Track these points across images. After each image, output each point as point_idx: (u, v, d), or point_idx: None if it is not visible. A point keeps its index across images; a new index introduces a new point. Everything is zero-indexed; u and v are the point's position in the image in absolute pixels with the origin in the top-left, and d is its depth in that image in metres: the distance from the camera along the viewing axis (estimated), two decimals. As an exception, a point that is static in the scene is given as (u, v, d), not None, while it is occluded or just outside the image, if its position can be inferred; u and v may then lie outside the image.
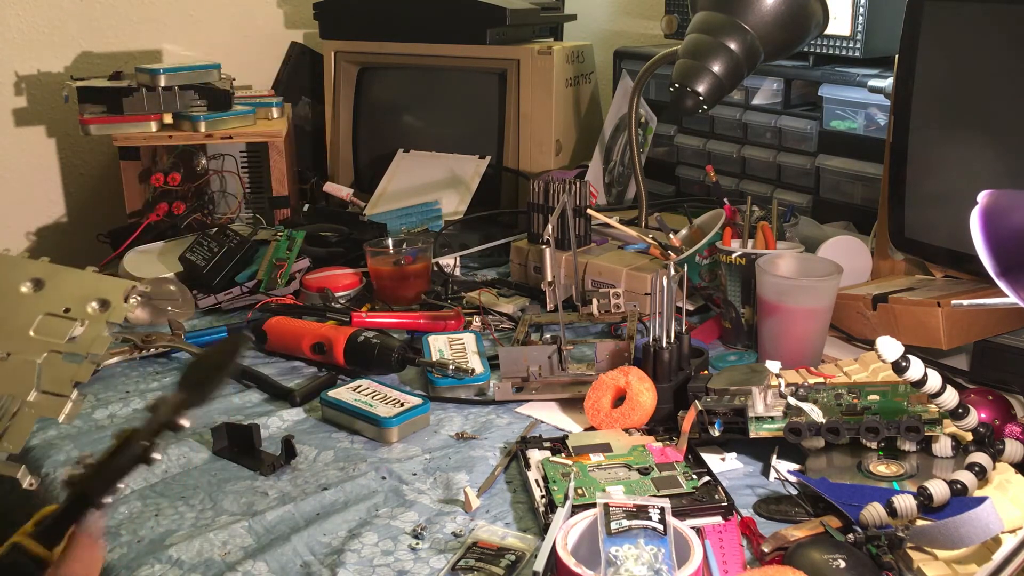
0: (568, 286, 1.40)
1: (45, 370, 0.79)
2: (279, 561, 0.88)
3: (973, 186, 0.83)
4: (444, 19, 1.85)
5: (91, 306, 0.83)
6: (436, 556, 0.88)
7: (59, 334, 0.82)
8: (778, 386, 1.01)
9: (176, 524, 0.94)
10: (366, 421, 1.10)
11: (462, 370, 1.18)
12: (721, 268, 1.30)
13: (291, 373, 1.27)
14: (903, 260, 1.36)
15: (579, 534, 0.83)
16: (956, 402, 0.94)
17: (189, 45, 2.06)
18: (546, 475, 0.97)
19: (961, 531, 0.79)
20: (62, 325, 0.82)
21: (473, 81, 1.87)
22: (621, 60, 1.92)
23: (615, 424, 1.07)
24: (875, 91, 1.47)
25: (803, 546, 0.83)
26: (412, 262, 1.47)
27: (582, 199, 1.48)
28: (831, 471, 0.96)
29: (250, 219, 1.77)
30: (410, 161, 1.85)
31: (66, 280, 0.86)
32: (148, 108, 1.71)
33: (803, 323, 1.19)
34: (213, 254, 1.48)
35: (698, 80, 1.42)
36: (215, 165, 1.78)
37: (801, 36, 1.47)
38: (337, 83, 1.96)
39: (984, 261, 0.79)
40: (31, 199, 1.97)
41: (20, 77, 1.91)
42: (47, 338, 0.81)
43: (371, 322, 1.33)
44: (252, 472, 1.03)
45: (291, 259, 1.50)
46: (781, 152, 1.68)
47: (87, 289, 0.84)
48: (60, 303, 0.83)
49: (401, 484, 1.00)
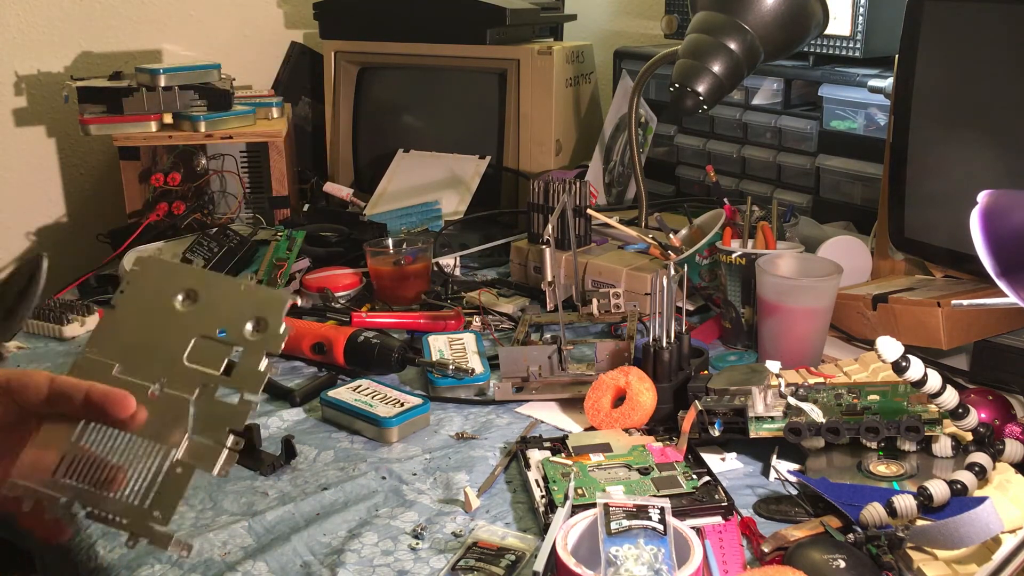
0: (568, 286, 1.40)
1: (199, 410, 0.66)
2: (279, 561, 0.88)
3: (973, 186, 0.83)
4: (444, 19, 1.85)
5: (247, 327, 0.68)
6: (436, 556, 0.88)
7: (214, 363, 0.68)
8: (778, 386, 1.01)
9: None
10: (366, 421, 1.10)
11: (462, 370, 1.18)
12: (721, 268, 1.30)
13: (291, 373, 1.27)
14: (903, 260, 1.36)
15: (579, 534, 0.83)
16: (956, 402, 0.94)
17: (189, 45, 2.06)
18: (546, 475, 0.97)
19: (961, 531, 0.79)
20: (217, 351, 0.68)
21: (473, 81, 1.87)
22: (621, 60, 1.92)
23: (615, 424, 1.07)
24: (875, 91, 1.47)
25: (803, 546, 0.83)
26: (412, 262, 1.47)
27: (582, 199, 1.48)
28: (831, 471, 0.96)
29: (250, 219, 1.77)
30: (410, 161, 1.85)
31: (221, 291, 0.71)
32: (148, 108, 1.71)
33: (803, 323, 1.19)
34: (213, 254, 1.48)
35: (698, 80, 1.42)
36: (215, 165, 1.78)
37: (801, 36, 1.47)
38: (337, 83, 1.96)
39: (984, 261, 0.79)
40: (31, 199, 1.97)
41: (20, 77, 1.91)
42: (201, 367, 0.68)
43: (371, 322, 1.33)
44: (252, 472, 1.03)
45: (291, 259, 1.50)
46: (781, 152, 1.68)
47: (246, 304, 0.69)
48: (215, 323, 0.69)
49: (401, 484, 1.00)
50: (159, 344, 0.70)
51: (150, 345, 0.70)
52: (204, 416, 0.67)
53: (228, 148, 1.77)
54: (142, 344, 0.70)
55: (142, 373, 0.69)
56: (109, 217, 1.86)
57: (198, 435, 0.66)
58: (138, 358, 0.69)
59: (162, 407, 0.67)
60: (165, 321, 0.70)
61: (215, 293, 0.71)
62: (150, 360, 0.69)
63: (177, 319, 0.70)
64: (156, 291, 0.72)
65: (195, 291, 0.72)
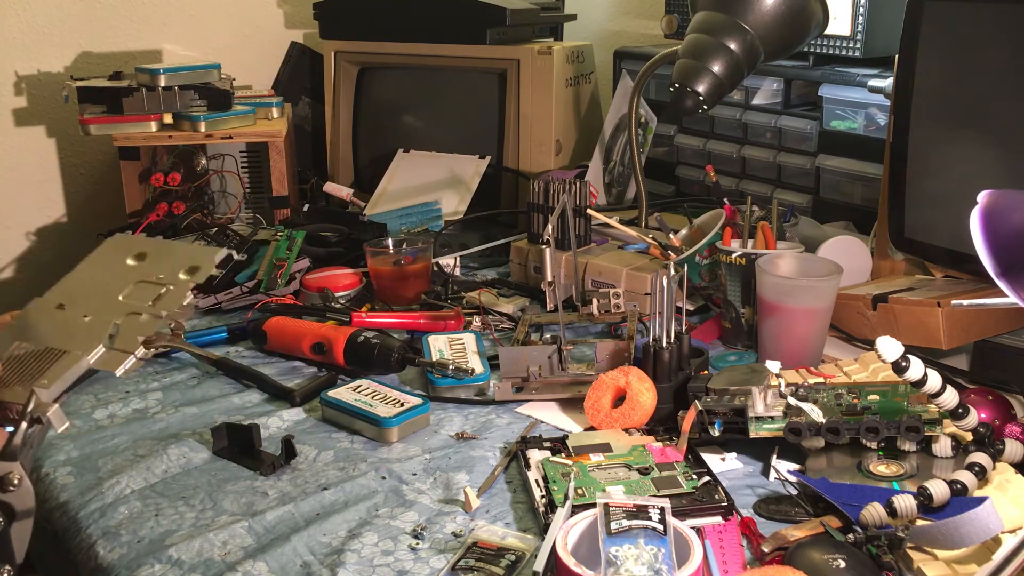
0: (568, 286, 1.40)
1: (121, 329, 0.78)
2: (279, 561, 0.88)
3: (973, 186, 0.83)
4: (444, 19, 1.85)
5: (182, 273, 0.82)
6: (436, 556, 0.88)
7: (145, 298, 0.81)
8: (778, 386, 1.01)
9: (176, 524, 0.94)
10: (366, 421, 1.10)
11: (462, 370, 1.18)
12: (721, 268, 1.30)
13: (291, 373, 1.27)
14: (903, 260, 1.36)
15: (579, 534, 0.83)
16: (956, 402, 0.94)
17: (189, 45, 2.06)
18: (546, 475, 0.97)
19: (961, 531, 0.79)
20: (150, 290, 0.82)
21: (473, 81, 1.88)
22: (621, 60, 1.92)
23: (615, 424, 1.07)
24: (875, 91, 1.47)
25: (803, 546, 0.83)
26: (412, 262, 1.47)
27: (582, 199, 1.48)
28: (831, 471, 0.96)
29: (250, 219, 1.77)
30: (410, 161, 1.85)
31: (169, 252, 0.86)
32: (148, 108, 1.71)
33: (803, 323, 1.19)
34: (213, 254, 1.48)
35: (698, 80, 1.42)
36: (215, 165, 1.78)
37: (801, 36, 1.47)
38: (337, 83, 1.97)
39: (984, 261, 0.79)
40: (31, 199, 1.97)
41: (20, 77, 1.91)
42: (133, 302, 0.81)
43: (371, 322, 1.33)
44: (252, 472, 1.03)
45: (291, 259, 1.50)
46: (781, 152, 1.68)
47: (184, 258, 0.84)
48: (156, 272, 0.83)
49: (401, 484, 1.00)
50: (104, 289, 0.83)
51: (96, 291, 0.83)
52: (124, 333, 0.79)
53: (228, 148, 1.77)
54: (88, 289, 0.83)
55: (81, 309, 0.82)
56: (109, 217, 1.86)
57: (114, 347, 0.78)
58: (81, 298, 0.83)
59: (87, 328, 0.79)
60: (114, 275, 0.84)
61: (162, 253, 0.85)
62: (91, 299, 0.82)
63: (125, 272, 0.84)
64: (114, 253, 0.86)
65: (145, 253, 0.85)
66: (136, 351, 0.77)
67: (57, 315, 0.81)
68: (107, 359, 0.77)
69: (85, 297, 0.82)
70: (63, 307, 0.82)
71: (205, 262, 0.83)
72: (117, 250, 0.86)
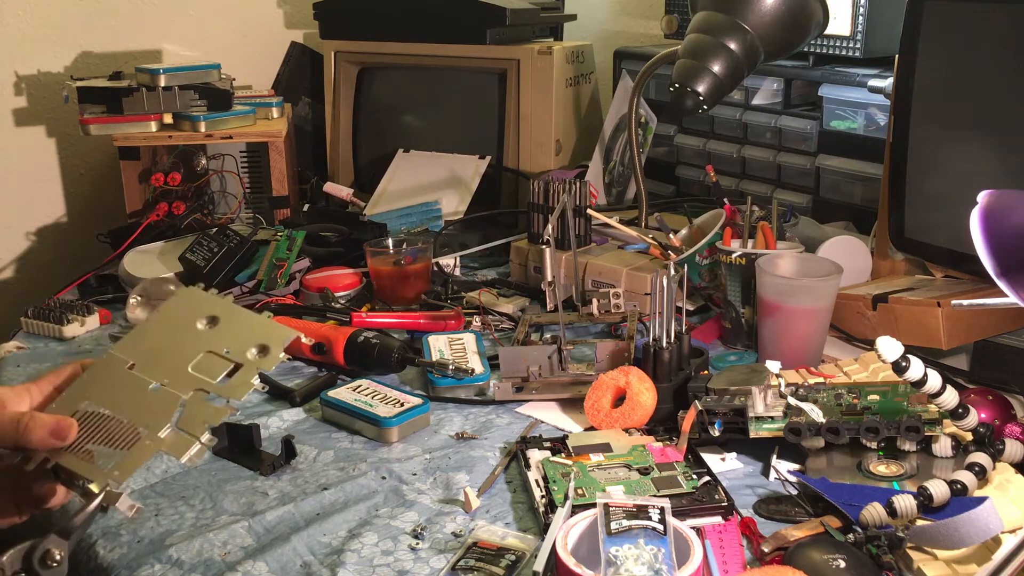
0: (568, 286, 1.40)
1: (187, 408, 0.77)
2: (279, 561, 0.88)
3: (973, 186, 0.83)
4: (444, 19, 1.85)
5: (251, 351, 0.80)
6: (436, 556, 0.88)
7: (213, 374, 0.79)
8: (778, 386, 1.01)
9: (176, 524, 0.94)
10: (366, 421, 1.10)
11: (462, 370, 1.18)
12: (721, 268, 1.30)
13: (291, 373, 1.27)
14: (903, 260, 1.36)
15: (579, 534, 0.83)
16: (956, 402, 0.94)
17: (189, 45, 2.06)
18: (546, 475, 0.97)
19: (961, 531, 0.79)
20: (219, 365, 0.80)
21: (473, 81, 1.87)
22: (621, 60, 1.92)
23: (615, 424, 1.07)
24: (875, 91, 1.47)
25: (803, 546, 0.83)
26: (412, 262, 1.47)
27: (582, 199, 1.48)
28: (831, 471, 0.96)
29: (250, 219, 1.77)
30: (410, 161, 1.85)
31: (240, 321, 0.83)
32: (148, 108, 1.71)
33: (803, 323, 1.19)
34: (213, 254, 1.48)
35: (698, 80, 1.42)
36: (215, 165, 1.78)
37: (801, 36, 1.47)
38: (337, 83, 1.96)
39: (984, 261, 0.79)
40: (31, 199, 1.97)
41: (20, 77, 1.91)
42: (201, 376, 0.79)
43: (371, 322, 1.33)
44: (252, 472, 1.03)
45: (291, 259, 1.50)
46: (781, 152, 1.68)
47: (255, 333, 0.82)
48: (225, 344, 0.81)
49: (401, 484, 1.00)
50: (173, 353, 0.81)
51: (166, 352, 0.81)
52: (189, 413, 0.77)
53: (228, 148, 1.77)
54: (159, 351, 0.82)
55: (151, 372, 0.80)
56: (109, 217, 1.86)
57: (179, 428, 0.76)
58: (151, 360, 0.81)
59: (157, 400, 0.78)
60: (185, 337, 0.82)
61: (234, 320, 0.83)
62: (161, 364, 0.80)
63: (196, 336, 0.82)
64: (185, 312, 0.84)
65: (217, 317, 0.83)
66: (202, 436, 0.75)
67: (128, 378, 0.79)
68: (174, 442, 0.75)
69: (157, 359, 0.80)
70: (133, 367, 0.80)
71: (275, 343, 0.80)
72: (189, 306, 0.84)
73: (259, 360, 0.80)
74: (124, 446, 0.75)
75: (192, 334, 0.82)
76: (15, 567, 0.69)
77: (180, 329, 0.83)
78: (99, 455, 0.75)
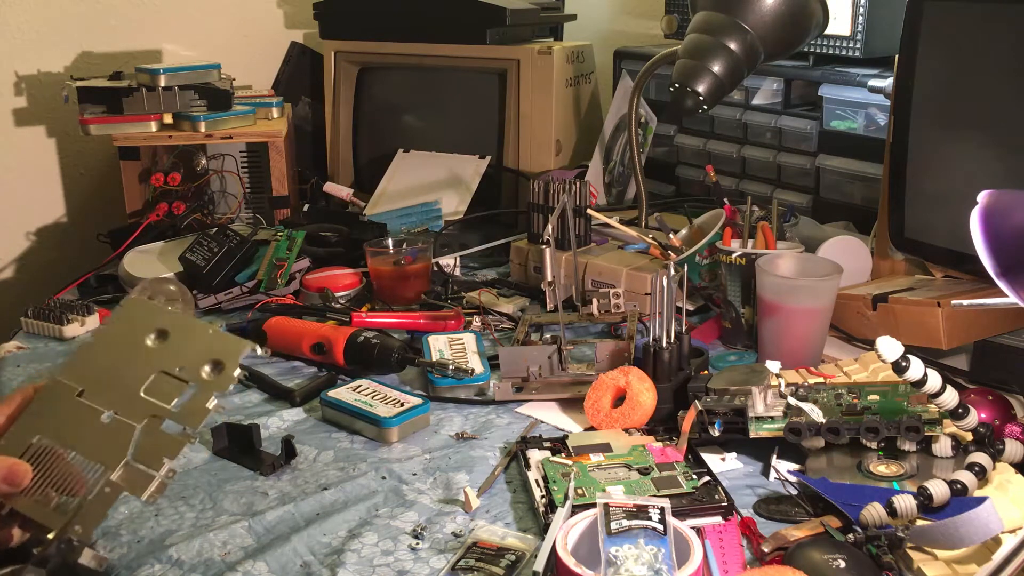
0: (568, 286, 1.40)
1: (142, 439, 0.73)
2: (279, 561, 0.88)
3: (973, 186, 0.83)
4: (444, 19, 1.85)
5: (205, 369, 0.75)
6: (436, 556, 0.88)
7: (168, 397, 0.75)
8: (778, 386, 1.01)
9: (176, 524, 0.94)
10: (366, 421, 1.10)
11: (462, 370, 1.18)
12: (721, 268, 1.30)
13: (291, 373, 1.27)
14: (903, 260, 1.36)
15: (579, 534, 0.83)
16: (956, 402, 0.94)
17: (189, 45, 2.06)
18: (546, 475, 0.97)
19: (961, 531, 0.79)
20: (173, 386, 0.75)
21: (473, 81, 1.87)
22: (621, 60, 1.92)
23: (615, 424, 1.07)
24: (875, 91, 1.47)
25: (803, 546, 0.83)
26: (412, 262, 1.47)
27: (582, 199, 1.48)
28: (831, 471, 0.96)
29: (250, 219, 1.77)
30: (410, 161, 1.85)
31: (191, 334, 0.77)
32: (148, 108, 1.71)
33: (803, 323, 1.19)
34: (213, 254, 1.48)
35: (698, 80, 1.42)
36: (215, 165, 1.78)
37: (801, 36, 1.47)
38: (337, 83, 1.96)
39: (984, 261, 0.79)
40: (31, 199, 1.97)
41: (20, 77, 1.91)
42: (155, 400, 0.74)
43: (371, 322, 1.33)
44: (252, 472, 1.03)
45: (291, 259, 1.50)
46: (781, 152, 1.68)
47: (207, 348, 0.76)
48: (177, 362, 0.76)
49: (401, 484, 1.00)
50: (124, 375, 0.76)
51: (115, 375, 0.76)
52: (146, 445, 0.73)
53: (228, 148, 1.77)
54: (109, 373, 0.76)
55: (101, 399, 0.75)
56: (109, 217, 1.85)
57: (136, 461, 0.72)
58: (101, 385, 0.76)
59: (110, 432, 0.73)
60: (134, 355, 0.77)
61: (184, 334, 0.78)
62: (112, 388, 0.75)
63: (146, 354, 0.77)
64: (133, 328, 0.78)
65: (166, 331, 0.78)
66: (161, 470, 0.71)
67: (78, 407, 0.74)
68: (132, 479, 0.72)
69: (107, 384, 0.75)
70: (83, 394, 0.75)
71: (229, 358, 0.75)
72: (136, 321, 0.79)
73: (215, 380, 0.75)
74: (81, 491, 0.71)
75: (142, 352, 0.77)
76: None
77: (129, 347, 0.78)
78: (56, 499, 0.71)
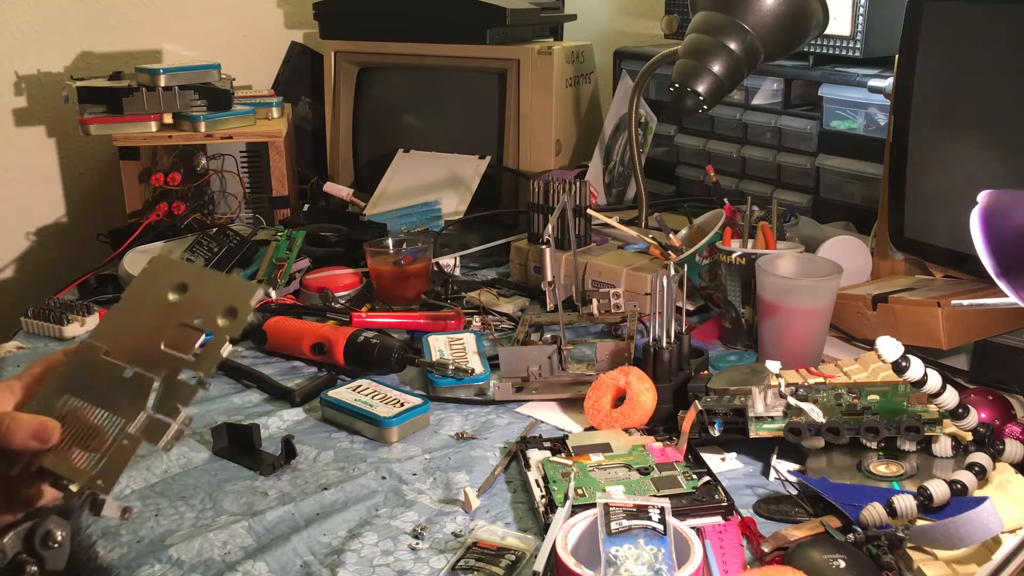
0: (568, 286, 1.40)
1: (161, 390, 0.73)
2: (279, 561, 0.88)
3: (973, 186, 0.83)
4: (444, 19, 1.85)
5: (220, 318, 0.75)
6: (436, 556, 0.88)
7: (186, 348, 0.74)
8: (778, 386, 1.01)
9: (176, 524, 0.94)
10: (366, 421, 1.10)
11: (462, 370, 1.18)
12: (721, 268, 1.30)
13: (291, 373, 1.27)
14: (903, 260, 1.36)
15: (579, 534, 0.83)
16: (956, 402, 0.94)
17: (189, 45, 2.06)
18: (546, 475, 0.97)
19: (961, 531, 0.79)
20: (191, 337, 0.75)
21: (473, 81, 1.87)
22: (621, 60, 1.92)
23: (615, 424, 1.07)
24: (875, 91, 1.47)
25: (803, 546, 0.83)
26: (412, 262, 1.47)
27: (582, 199, 1.48)
28: (831, 471, 0.96)
29: (250, 219, 1.77)
30: (410, 161, 1.85)
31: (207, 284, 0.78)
32: (148, 108, 1.71)
33: (803, 323, 1.19)
34: (213, 254, 1.48)
35: (698, 80, 1.42)
36: (215, 165, 1.78)
37: (801, 36, 1.47)
38: (337, 83, 1.96)
39: (984, 261, 0.79)
40: (31, 199, 1.97)
41: (20, 77, 1.91)
42: (175, 352, 0.74)
43: (371, 322, 1.33)
44: (252, 472, 1.03)
45: (291, 259, 1.50)
46: (781, 152, 1.68)
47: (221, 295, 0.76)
48: (195, 313, 0.76)
49: (401, 484, 1.00)
50: (147, 332, 0.77)
51: (139, 332, 0.77)
52: (164, 396, 0.73)
53: (228, 148, 1.77)
54: (133, 331, 0.78)
55: (125, 356, 0.76)
56: (109, 217, 1.86)
57: (156, 413, 0.73)
58: (126, 342, 0.77)
59: (132, 387, 0.74)
60: (157, 312, 0.78)
61: (201, 285, 0.78)
62: (135, 344, 0.76)
63: (167, 309, 0.77)
64: (155, 285, 0.79)
65: (185, 284, 0.78)
66: (177, 418, 0.72)
67: (103, 365, 0.76)
68: (149, 428, 0.72)
69: (130, 341, 0.76)
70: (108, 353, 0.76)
71: (242, 304, 0.75)
72: (159, 277, 0.80)
73: (227, 325, 0.75)
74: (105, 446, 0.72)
75: (163, 307, 0.78)
76: (16, 549, 0.68)
77: (151, 304, 0.79)
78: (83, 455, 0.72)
